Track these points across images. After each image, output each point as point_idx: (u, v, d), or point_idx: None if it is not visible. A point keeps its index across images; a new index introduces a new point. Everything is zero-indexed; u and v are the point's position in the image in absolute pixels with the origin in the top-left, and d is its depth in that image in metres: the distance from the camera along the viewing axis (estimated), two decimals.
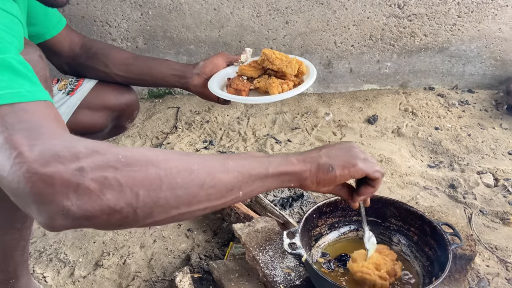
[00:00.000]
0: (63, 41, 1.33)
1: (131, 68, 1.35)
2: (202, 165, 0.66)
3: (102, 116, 1.38)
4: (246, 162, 0.73)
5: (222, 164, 0.69)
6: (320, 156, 0.85)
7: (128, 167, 0.59)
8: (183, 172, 0.63)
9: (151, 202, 0.60)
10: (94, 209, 0.56)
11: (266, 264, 1.13)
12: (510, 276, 1.35)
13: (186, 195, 0.63)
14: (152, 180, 0.60)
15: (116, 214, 0.58)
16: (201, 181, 0.65)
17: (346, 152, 0.87)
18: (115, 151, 0.59)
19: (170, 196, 0.61)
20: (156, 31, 2.27)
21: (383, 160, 1.89)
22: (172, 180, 0.61)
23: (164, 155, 0.63)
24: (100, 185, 0.56)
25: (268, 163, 0.76)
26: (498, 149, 1.96)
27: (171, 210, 0.63)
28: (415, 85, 2.46)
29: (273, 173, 0.76)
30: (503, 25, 2.25)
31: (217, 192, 0.67)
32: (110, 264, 1.41)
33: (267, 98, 1.25)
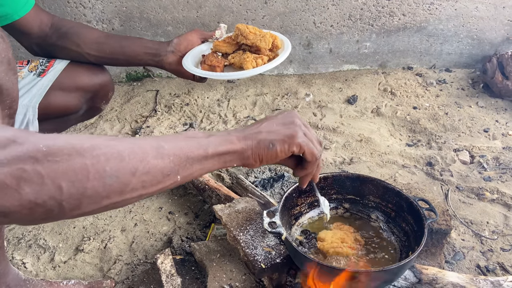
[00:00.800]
0: (32, 22, 1.28)
1: (103, 47, 1.32)
2: (133, 150, 0.61)
3: (75, 97, 1.35)
4: (183, 144, 0.69)
5: (156, 148, 0.65)
6: (260, 131, 0.81)
7: (49, 157, 0.53)
8: (112, 160, 0.58)
9: (77, 194, 0.55)
10: (12, 205, 0.51)
11: (247, 243, 1.14)
12: (484, 249, 1.39)
13: (117, 183, 0.59)
14: (77, 170, 0.55)
15: (38, 208, 0.53)
16: (133, 168, 0.60)
17: (287, 126, 0.84)
18: (34, 140, 0.54)
19: (98, 185, 0.57)
20: (132, 12, 2.22)
21: (363, 139, 1.91)
22: (100, 168, 0.57)
23: (90, 142, 0.58)
24: (17, 179, 0.51)
25: (207, 143, 0.73)
26: (474, 127, 2.00)
27: (102, 200, 0.58)
28: (394, 65, 2.48)
29: (212, 153, 0.73)
30: (479, 4, 2.27)
31: (152, 179, 0.63)
32: (91, 249, 1.40)
33: (241, 73, 1.24)
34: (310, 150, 0.85)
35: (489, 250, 1.39)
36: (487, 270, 1.32)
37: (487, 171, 1.72)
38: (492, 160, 1.78)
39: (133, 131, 2.00)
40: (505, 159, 1.76)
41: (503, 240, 1.43)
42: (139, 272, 1.31)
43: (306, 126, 0.87)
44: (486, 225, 1.49)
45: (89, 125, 2.05)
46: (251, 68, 1.24)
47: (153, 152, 0.64)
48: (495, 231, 1.46)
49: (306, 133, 0.85)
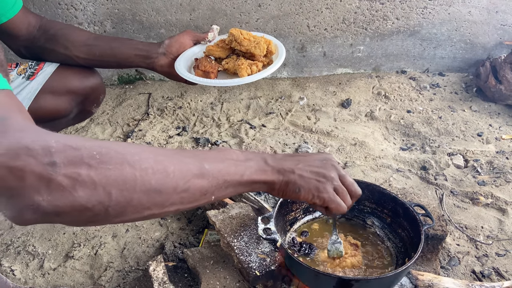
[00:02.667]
0: (19, 24, 1.25)
1: (92, 49, 1.29)
2: (178, 167, 0.65)
3: (65, 100, 1.32)
4: (222, 166, 0.72)
5: (199, 167, 0.68)
6: (293, 171, 0.83)
7: (102, 165, 0.56)
8: (158, 174, 0.61)
9: (124, 202, 0.58)
10: (65, 205, 0.54)
11: (241, 250, 1.12)
12: (479, 254, 1.38)
13: (159, 197, 0.62)
14: (127, 180, 0.58)
15: (87, 212, 0.56)
16: (175, 185, 0.64)
17: (319, 177, 0.85)
18: (89, 146, 0.57)
19: (143, 197, 0.60)
20: (124, 14, 2.19)
21: (357, 143, 1.90)
22: (146, 181, 0.60)
23: (141, 154, 0.61)
24: (72, 181, 0.54)
25: (244, 169, 0.76)
26: (468, 131, 2.00)
27: (144, 211, 0.61)
28: (388, 69, 2.47)
29: (247, 180, 0.76)
30: (472, 8, 2.28)
31: (190, 196, 0.67)
32: (81, 255, 1.37)
33: (236, 80, 1.22)
34: (334, 206, 0.86)
35: (484, 255, 1.38)
36: (482, 275, 1.31)
37: (481, 175, 1.72)
38: (486, 164, 1.78)
39: (125, 134, 1.98)
40: (498, 163, 1.76)
41: (498, 245, 1.42)
42: (130, 280, 1.28)
43: (341, 178, 0.88)
44: (481, 229, 1.48)
45: (80, 128, 2.02)
46: (246, 76, 1.22)
47: (195, 171, 0.67)
48: (490, 235, 1.46)
49: (337, 188, 0.86)
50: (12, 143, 0.54)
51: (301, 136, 1.96)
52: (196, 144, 1.90)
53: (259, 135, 1.97)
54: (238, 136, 1.96)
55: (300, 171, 0.84)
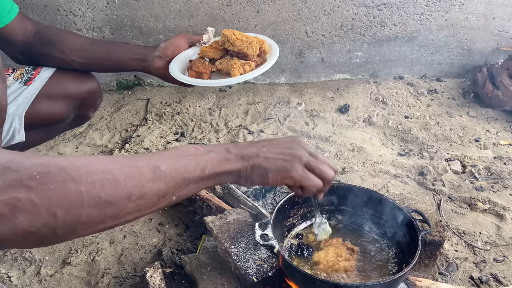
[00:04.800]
0: (16, 30, 1.26)
1: (88, 54, 1.30)
2: (130, 174, 0.60)
3: (62, 105, 1.32)
4: (180, 164, 0.68)
5: (153, 170, 0.63)
6: (258, 155, 0.79)
7: (43, 185, 0.52)
8: (107, 185, 0.57)
9: (72, 221, 0.55)
10: (5, 233, 0.51)
11: (239, 256, 1.11)
12: (477, 260, 1.38)
13: (112, 209, 0.58)
14: (72, 198, 0.54)
15: (32, 236, 0.53)
16: (128, 193, 0.59)
17: (285, 157, 0.81)
18: (29, 165, 0.53)
19: (93, 212, 0.56)
20: (123, 20, 2.20)
21: (355, 149, 1.90)
22: (95, 195, 0.56)
23: (87, 166, 0.57)
24: (11, 207, 0.50)
25: (205, 163, 0.72)
26: (466, 136, 2.00)
27: (96, 225, 0.58)
28: (385, 75, 2.48)
29: (209, 174, 0.72)
30: (469, 15, 2.29)
31: (147, 202, 0.63)
32: (78, 262, 1.37)
33: (228, 80, 1.23)
34: (307, 183, 0.83)
35: (482, 261, 1.38)
36: (481, 281, 1.31)
37: (479, 181, 1.72)
38: (484, 170, 1.78)
39: (123, 140, 1.98)
40: (496, 169, 1.77)
41: (496, 250, 1.42)
42: (127, 286, 1.27)
43: (312, 156, 0.83)
44: (478, 235, 1.48)
45: (78, 134, 2.02)
46: (238, 75, 1.23)
47: (149, 174, 0.63)
48: (488, 241, 1.46)
49: (307, 164, 0.82)
50: None
51: None
52: None
53: None
54: (236, 142, 1.96)
55: (264, 153, 0.80)
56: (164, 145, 1.94)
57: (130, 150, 1.88)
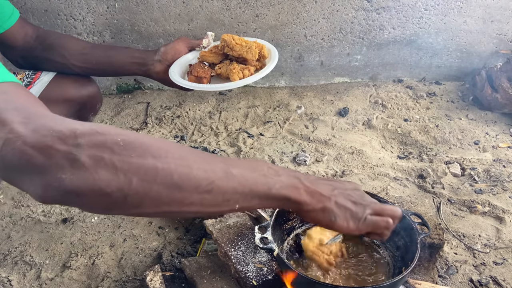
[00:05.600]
0: (16, 34, 1.27)
1: (89, 58, 1.31)
2: (203, 166, 0.63)
3: (62, 109, 1.33)
4: (251, 175, 0.69)
5: (225, 171, 0.66)
6: (329, 198, 0.79)
7: (125, 152, 0.57)
8: (181, 168, 0.60)
9: (142, 192, 0.58)
10: (85, 186, 0.55)
11: (238, 259, 1.12)
12: (477, 263, 1.38)
13: (179, 194, 0.61)
14: (148, 170, 0.58)
15: (106, 197, 0.57)
16: (197, 183, 0.62)
17: (356, 205, 0.82)
18: (114, 133, 0.58)
19: (163, 190, 0.59)
20: (123, 24, 2.21)
21: (354, 152, 1.91)
22: (168, 174, 0.59)
23: (166, 148, 0.61)
24: (95, 163, 0.55)
25: (274, 182, 0.71)
26: (465, 139, 2.01)
27: (162, 205, 0.61)
28: (385, 78, 2.49)
29: (274, 195, 0.72)
30: (468, 18, 2.30)
31: (212, 199, 0.64)
32: (78, 265, 1.37)
33: (227, 84, 1.24)
34: (377, 230, 0.85)
35: (481, 263, 1.38)
36: (480, 284, 1.31)
37: (478, 183, 1.73)
38: (483, 172, 1.78)
39: None
40: (495, 172, 1.77)
41: (496, 253, 1.42)
42: None
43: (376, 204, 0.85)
44: (478, 238, 1.48)
45: None
46: (237, 80, 1.24)
47: (220, 173, 0.65)
48: (487, 244, 1.46)
49: (374, 211, 0.84)
50: (38, 126, 0.57)
51: (299, 145, 1.97)
52: None
53: (257, 143, 1.98)
54: (236, 145, 1.96)
55: (336, 197, 0.80)
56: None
57: None
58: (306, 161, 1.85)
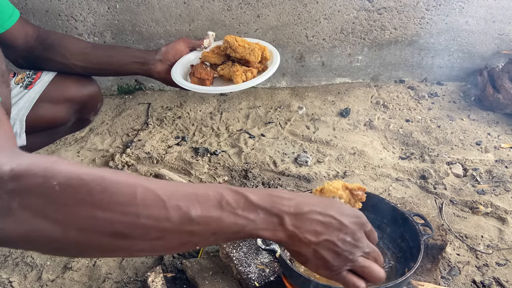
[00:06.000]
0: (17, 34, 1.27)
1: (89, 58, 1.31)
2: (153, 214, 0.54)
3: (63, 109, 1.33)
4: (215, 217, 0.58)
5: (181, 216, 0.56)
6: (309, 246, 0.65)
7: (60, 199, 0.51)
8: (125, 218, 0.53)
9: (83, 242, 0.53)
10: (20, 236, 0.50)
11: (240, 261, 1.11)
12: (480, 264, 1.38)
13: (124, 242, 0.54)
14: (86, 220, 0.52)
15: (44, 246, 0.53)
16: (144, 232, 0.55)
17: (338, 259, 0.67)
18: (51, 174, 0.51)
19: (105, 240, 0.53)
20: (124, 25, 2.21)
21: (356, 152, 1.90)
22: (108, 224, 0.53)
23: (112, 189, 0.53)
24: (28, 212, 0.49)
25: (246, 223, 0.60)
26: (467, 140, 2.00)
27: (108, 252, 0.56)
28: (386, 78, 2.48)
29: (245, 236, 0.62)
30: (470, 18, 2.30)
31: (165, 245, 0.57)
32: (79, 267, 1.36)
33: (231, 87, 1.24)
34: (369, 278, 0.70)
35: (484, 264, 1.38)
36: (483, 285, 1.30)
37: (480, 184, 1.72)
38: (485, 173, 1.78)
39: (124, 144, 1.98)
40: (498, 172, 1.76)
41: (498, 254, 1.42)
42: None
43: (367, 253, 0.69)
44: (481, 239, 1.48)
45: (79, 138, 2.02)
46: (241, 82, 1.24)
47: (175, 219, 0.56)
48: (490, 245, 1.45)
49: (356, 267, 0.68)
50: None
51: (300, 146, 1.96)
52: (195, 153, 1.90)
53: (258, 144, 1.97)
54: (237, 146, 1.96)
55: (317, 247, 0.65)
56: (165, 149, 1.94)
57: (131, 155, 1.88)
58: (307, 162, 1.84)
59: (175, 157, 1.88)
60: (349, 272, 0.68)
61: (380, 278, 0.70)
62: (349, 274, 0.69)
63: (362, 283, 0.69)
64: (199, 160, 1.86)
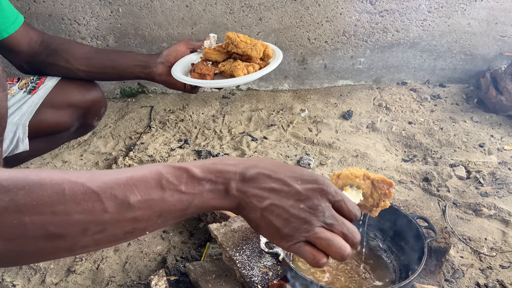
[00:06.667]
0: (21, 39, 1.27)
1: (93, 62, 1.31)
2: (86, 207, 0.51)
3: (66, 114, 1.33)
4: (157, 198, 0.56)
5: (119, 204, 0.53)
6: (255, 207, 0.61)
7: None
8: (56, 218, 0.50)
9: (18, 250, 0.50)
10: None
11: (243, 264, 1.11)
12: (483, 267, 1.37)
13: (63, 242, 0.51)
14: (14, 228, 0.48)
15: None
16: (83, 228, 0.52)
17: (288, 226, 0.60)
18: None
19: (41, 244, 0.50)
20: (127, 28, 2.22)
21: (359, 155, 1.90)
22: (40, 227, 0.49)
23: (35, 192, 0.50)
24: None
25: (192, 198, 0.58)
26: (470, 142, 2.00)
27: (48, 255, 0.53)
28: (388, 80, 2.48)
29: (193, 211, 0.60)
30: (472, 20, 2.29)
31: (109, 237, 0.54)
32: (83, 270, 1.37)
33: (232, 80, 1.22)
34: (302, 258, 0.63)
35: (488, 267, 1.37)
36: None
37: (484, 186, 1.72)
38: (489, 175, 1.77)
39: (127, 147, 1.98)
40: (501, 174, 1.76)
41: (502, 257, 1.41)
42: None
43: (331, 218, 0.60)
44: (484, 241, 1.47)
45: (82, 142, 2.02)
46: (242, 76, 1.22)
47: (112, 208, 0.52)
48: (494, 247, 1.45)
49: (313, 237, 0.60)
50: None
51: (303, 148, 1.96)
52: (198, 156, 1.90)
53: (261, 147, 1.97)
54: (240, 149, 1.96)
55: (264, 211, 0.60)
56: (168, 152, 1.94)
57: (134, 158, 1.89)
58: (310, 164, 1.84)
59: (177, 160, 1.89)
60: (307, 243, 0.60)
61: (341, 254, 0.59)
62: (306, 245, 0.60)
63: (323, 256, 0.60)
64: None
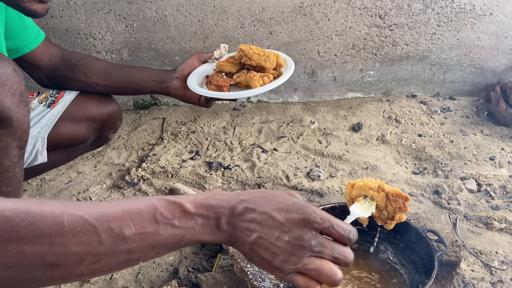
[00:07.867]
0: (42, 55, 1.32)
1: (111, 77, 1.35)
2: (83, 239, 0.54)
3: (84, 127, 1.37)
4: (151, 231, 0.58)
5: (114, 237, 0.56)
6: (245, 244, 0.64)
7: None
8: (54, 249, 0.53)
9: (15, 277, 0.52)
10: None
11: (255, 275, 1.13)
12: (494, 280, 1.37)
13: (59, 271, 0.54)
14: (13, 257, 0.51)
15: None
16: (79, 259, 0.55)
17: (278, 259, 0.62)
18: None
19: (38, 273, 0.53)
20: (141, 43, 2.27)
21: (369, 167, 1.91)
22: (38, 257, 0.52)
23: (35, 224, 0.52)
24: None
25: (184, 232, 0.61)
26: (480, 155, 2.00)
27: (46, 282, 0.55)
28: (398, 93, 2.50)
29: (186, 244, 0.63)
30: (481, 34, 2.31)
31: (103, 267, 0.57)
32: (96, 280, 1.39)
33: (250, 91, 1.25)
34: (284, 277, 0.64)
35: (499, 281, 1.37)
36: None
37: (495, 199, 1.71)
38: (499, 188, 1.77)
39: (139, 159, 2.02)
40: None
41: None
42: None
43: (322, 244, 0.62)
44: (495, 255, 1.47)
45: (96, 153, 2.06)
46: (259, 87, 1.24)
47: (108, 241, 0.56)
48: (505, 261, 1.44)
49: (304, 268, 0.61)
50: None
51: (313, 160, 1.98)
52: (209, 168, 1.93)
53: (271, 159, 1.99)
54: (250, 160, 1.98)
55: (253, 245, 0.63)
56: (180, 163, 1.97)
57: (146, 169, 1.92)
58: (320, 176, 1.86)
59: (189, 171, 1.91)
60: (299, 274, 0.62)
61: (333, 281, 0.61)
62: (298, 275, 0.62)
63: (315, 284, 0.62)
64: (212, 175, 1.89)
